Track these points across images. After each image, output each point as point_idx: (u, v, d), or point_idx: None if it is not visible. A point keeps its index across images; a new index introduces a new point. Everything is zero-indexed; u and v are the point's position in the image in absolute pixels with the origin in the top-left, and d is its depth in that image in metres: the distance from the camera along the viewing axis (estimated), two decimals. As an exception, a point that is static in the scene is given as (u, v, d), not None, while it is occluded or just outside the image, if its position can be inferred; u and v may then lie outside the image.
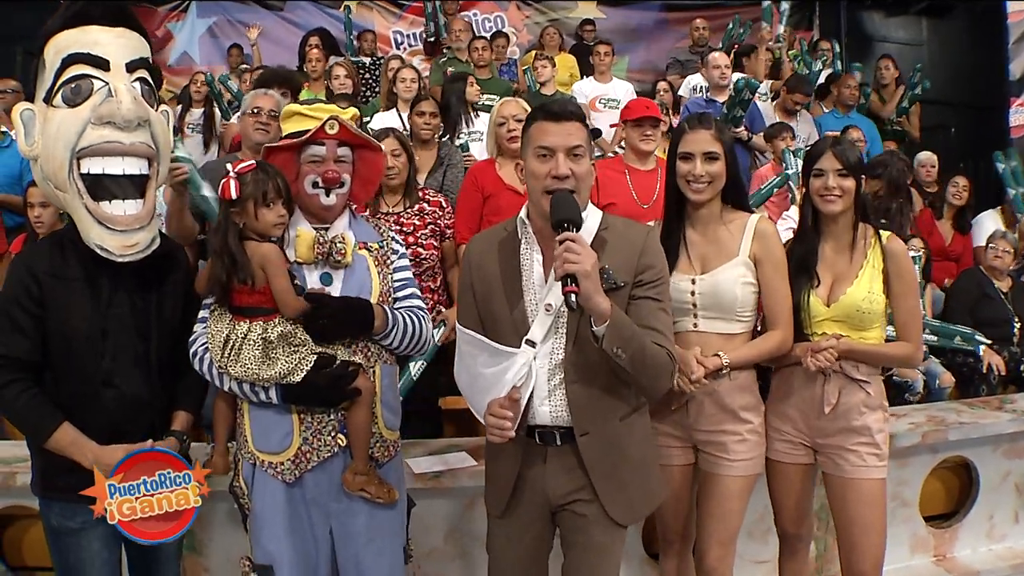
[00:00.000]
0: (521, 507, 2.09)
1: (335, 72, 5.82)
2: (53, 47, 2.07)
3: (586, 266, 1.77)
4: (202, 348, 2.19)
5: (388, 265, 2.31)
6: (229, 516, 2.81)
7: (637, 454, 2.08)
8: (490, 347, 1.98)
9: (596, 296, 1.80)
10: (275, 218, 2.12)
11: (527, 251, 2.07)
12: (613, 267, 1.96)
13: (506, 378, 1.93)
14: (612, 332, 1.82)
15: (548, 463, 2.05)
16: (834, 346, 2.37)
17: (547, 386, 2.00)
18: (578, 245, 1.79)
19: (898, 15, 9.47)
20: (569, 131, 1.95)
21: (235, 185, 2.08)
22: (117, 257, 2.05)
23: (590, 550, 2.06)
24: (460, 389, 2.15)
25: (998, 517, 3.62)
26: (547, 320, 1.98)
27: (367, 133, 2.55)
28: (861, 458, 2.44)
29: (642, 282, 1.99)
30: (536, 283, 2.03)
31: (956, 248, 5.58)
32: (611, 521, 2.04)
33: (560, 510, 2.09)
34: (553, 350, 2.00)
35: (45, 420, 2.05)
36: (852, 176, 2.44)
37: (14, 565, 3.12)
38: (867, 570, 2.46)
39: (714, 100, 5.68)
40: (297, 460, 2.15)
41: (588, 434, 2.00)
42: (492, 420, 1.92)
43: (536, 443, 2.05)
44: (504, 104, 3.75)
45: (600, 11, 9.23)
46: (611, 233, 2.03)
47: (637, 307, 1.98)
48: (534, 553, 2.14)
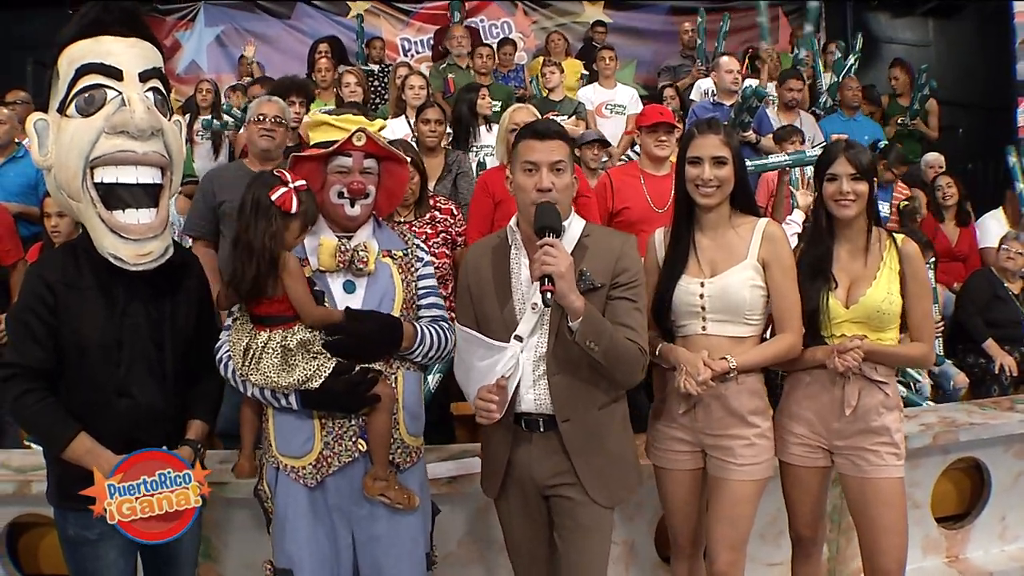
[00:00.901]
0: (513, 488, 2.29)
1: (345, 80, 5.84)
2: (67, 57, 2.09)
3: (561, 268, 1.97)
4: (226, 355, 2.22)
5: (412, 273, 2.33)
6: (245, 523, 2.84)
7: (615, 441, 2.26)
8: (484, 342, 2.17)
9: (570, 295, 2.00)
10: (301, 239, 2.19)
11: (516, 256, 2.27)
12: (592, 270, 2.17)
13: (496, 369, 2.13)
14: (585, 327, 2.02)
15: (534, 447, 2.23)
16: (860, 347, 2.37)
17: (532, 376, 2.19)
18: (555, 249, 2.00)
19: (905, 16, 9.48)
20: (552, 148, 2.17)
21: (296, 200, 2.12)
22: (131, 266, 2.06)
23: (577, 531, 2.23)
24: (458, 382, 2.34)
25: (1010, 518, 3.61)
26: (533, 318, 2.18)
27: None
28: (881, 458, 2.43)
29: (618, 284, 2.19)
30: (524, 285, 2.22)
31: (962, 248, 5.58)
32: (595, 503, 2.21)
33: (549, 495, 2.26)
34: (538, 344, 2.19)
35: (61, 429, 2.05)
36: (865, 180, 2.45)
37: (29, 573, 3.13)
38: (892, 569, 2.44)
39: (721, 104, 5.66)
40: (318, 464, 2.17)
41: (569, 421, 2.19)
42: (480, 403, 2.13)
43: (523, 429, 2.23)
44: (516, 111, 3.76)
45: (606, 14, 9.24)
46: (592, 240, 2.24)
47: (613, 307, 2.17)
48: (535, 527, 2.32)
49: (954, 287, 5.21)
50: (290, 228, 2.14)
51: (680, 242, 2.46)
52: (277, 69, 8.07)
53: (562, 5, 9.35)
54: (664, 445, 2.51)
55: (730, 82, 5.69)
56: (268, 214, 2.11)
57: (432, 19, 8.93)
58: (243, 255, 2.12)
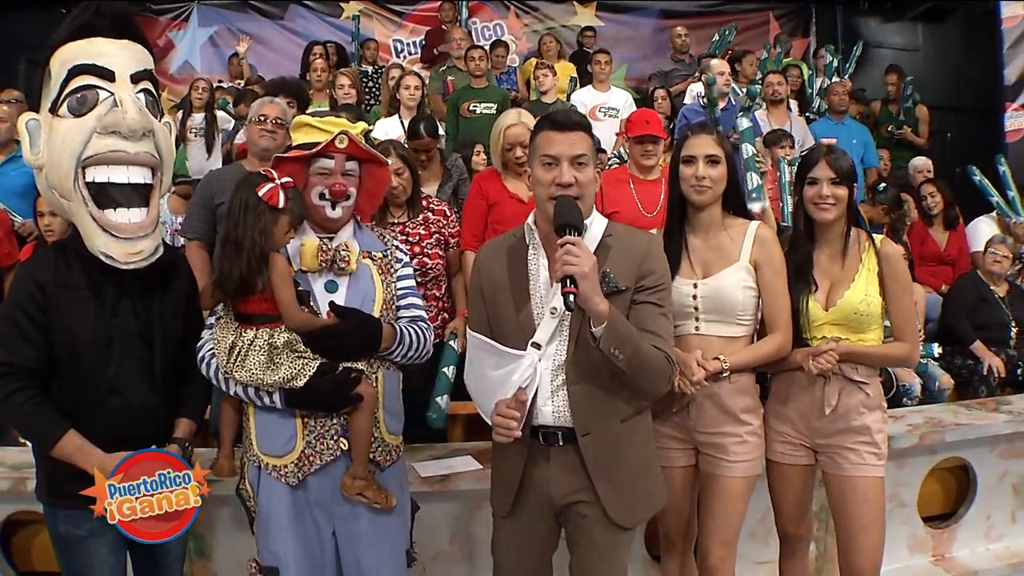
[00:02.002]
0: (526, 507, 2.13)
1: (339, 82, 5.85)
2: (59, 58, 2.09)
3: (584, 268, 1.82)
4: (209, 353, 2.22)
5: (392, 273, 2.35)
6: (235, 520, 2.84)
7: (637, 456, 2.12)
8: (498, 350, 2.03)
9: (594, 297, 1.85)
10: (289, 236, 2.19)
11: (534, 256, 2.13)
12: (616, 272, 2.01)
13: (512, 379, 1.98)
14: (609, 333, 1.87)
15: (551, 463, 2.08)
16: (834, 349, 2.40)
17: (550, 387, 2.04)
18: (578, 248, 1.84)
19: (894, 21, 9.54)
20: (573, 140, 2.02)
21: (283, 195, 2.13)
22: (122, 265, 2.06)
23: (593, 551, 2.10)
24: (469, 392, 2.20)
25: (995, 517, 3.65)
26: (552, 323, 2.02)
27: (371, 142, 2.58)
28: (860, 456, 2.47)
29: (643, 287, 2.04)
30: (542, 287, 2.08)
31: (951, 252, 5.60)
32: (613, 523, 2.07)
33: (564, 511, 2.12)
34: (556, 352, 2.04)
35: (51, 427, 2.05)
36: (845, 184, 2.48)
37: (23, 570, 3.13)
38: (866, 568, 2.47)
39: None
40: (300, 463, 2.18)
41: (589, 434, 2.04)
42: (499, 420, 1.97)
43: (540, 443, 2.08)
44: (510, 128, 3.58)
45: (598, 18, 9.28)
46: (615, 239, 2.09)
47: (638, 311, 2.02)
48: (539, 552, 2.19)
49: (942, 290, 5.25)
50: (279, 223, 2.14)
51: (673, 244, 2.48)
52: (270, 69, 8.10)
53: (554, 8, 9.38)
54: (657, 443, 2.52)
55: (721, 84, 5.71)
56: (256, 210, 2.12)
57: (425, 21, 8.96)
58: (231, 253, 2.13)
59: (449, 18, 8.08)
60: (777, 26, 9.46)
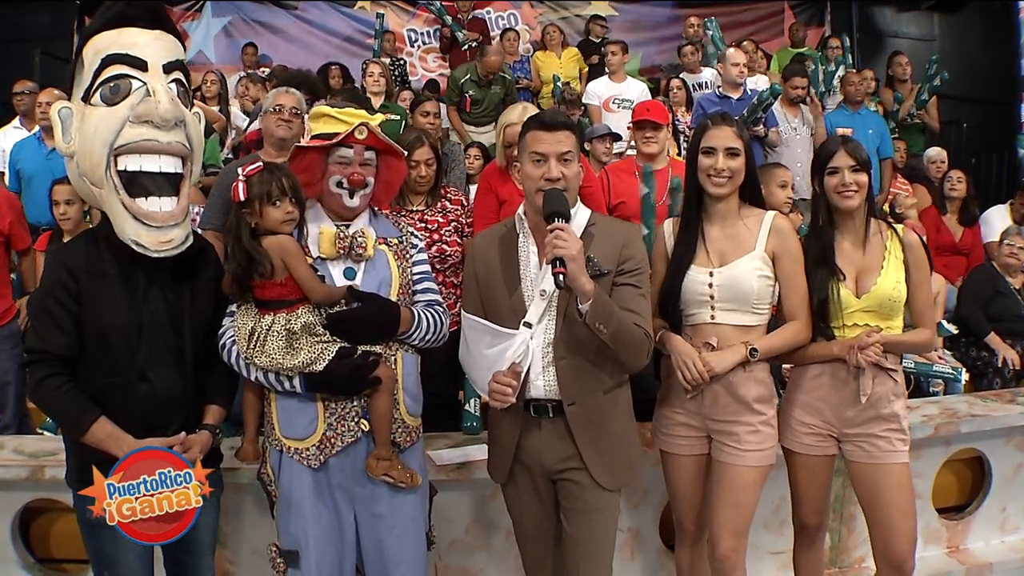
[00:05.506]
0: (521, 474, 2.34)
1: (370, 70, 5.94)
2: (92, 47, 2.11)
3: (572, 250, 2.02)
4: (230, 340, 2.25)
5: (408, 259, 2.40)
6: (253, 509, 2.87)
7: (619, 426, 2.31)
8: (493, 330, 2.23)
9: (581, 277, 2.05)
10: (282, 215, 2.20)
11: (524, 244, 2.32)
12: (599, 257, 2.21)
13: (506, 356, 2.18)
14: (595, 309, 2.07)
15: (542, 432, 2.27)
16: (878, 340, 2.42)
17: (541, 363, 2.23)
18: (566, 233, 2.05)
19: (909, 11, 9.48)
20: (559, 139, 2.22)
21: (243, 187, 2.18)
22: (152, 253, 2.08)
23: (584, 513, 2.28)
24: (464, 369, 2.41)
25: (1011, 509, 3.64)
26: (542, 304, 2.22)
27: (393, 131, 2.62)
28: (891, 444, 2.48)
29: (624, 271, 2.24)
30: (532, 271, 2.27)
31: (966, 243, 5.60)
32: (600, 486, 2.25)
33: (557, 479, 2.30)
34: (546, 330, 2.23)
35: (83, 414, 2.07)
36: (864, 171, 2.51)
37: (41, 557, 3.17)
38: (906, 552, 2.49)
39: (728, 97, 5.66)
40: (322, 445, 2.22)
41: (575, 404, 2.23)
42: (496, 386, 2.16)
43: (532, 415, 2.27)
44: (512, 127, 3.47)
45: (612, 8, 9.24)
46: (598, 228, 2.30)
47: (619, 292, 2.22)
48: (543, 511, 2.37)
49: (956, 282, 5.24)
50: (254, 211, 2.19)
51: (689, 232, 2.51)
52: (284, 59, 8.11)
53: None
54: (670, 430, 2.56)
55: (736, 75, 5.70)
56: (236, 213, 2.21)
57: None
58: (231, 245, 2.23)
59: (466, 9, 8.06)
60: (792, 15, 9.40)
